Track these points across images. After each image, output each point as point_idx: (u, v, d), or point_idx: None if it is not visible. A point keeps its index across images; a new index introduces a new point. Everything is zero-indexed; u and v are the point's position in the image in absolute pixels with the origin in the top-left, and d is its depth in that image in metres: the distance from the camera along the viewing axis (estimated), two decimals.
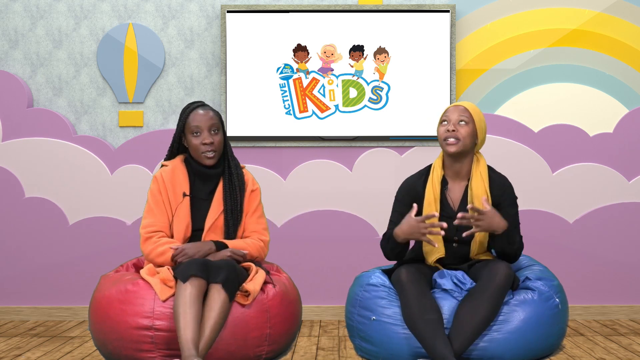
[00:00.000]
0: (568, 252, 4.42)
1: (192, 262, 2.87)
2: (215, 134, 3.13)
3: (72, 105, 4.47)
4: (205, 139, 3.09)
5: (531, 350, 2.94)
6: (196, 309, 2.76)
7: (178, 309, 2.76)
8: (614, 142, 4.45)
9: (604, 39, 4.45)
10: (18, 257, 4.42)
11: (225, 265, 2.89)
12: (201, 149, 3.10)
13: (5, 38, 4.46)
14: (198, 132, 3.10)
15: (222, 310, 2.82)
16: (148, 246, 3.06)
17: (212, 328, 2.79)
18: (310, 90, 4.41)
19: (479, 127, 3.11)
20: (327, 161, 4.46)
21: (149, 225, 3.09)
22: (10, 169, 4.42)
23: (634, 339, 3.85)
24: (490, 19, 4.46)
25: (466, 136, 3.08)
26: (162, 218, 3.10)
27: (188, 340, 2.68)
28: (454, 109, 3.12)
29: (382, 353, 3.00)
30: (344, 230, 4.44)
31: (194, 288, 2.79)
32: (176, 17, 4.47)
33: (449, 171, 3.16)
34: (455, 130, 3.07)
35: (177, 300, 2.77)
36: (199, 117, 3.11)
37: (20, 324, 4.30)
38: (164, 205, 3.11)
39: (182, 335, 2.70)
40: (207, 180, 3.18)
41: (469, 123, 3.09)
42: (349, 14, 4.41)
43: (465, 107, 3.12)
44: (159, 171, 3.18)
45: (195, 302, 2.77)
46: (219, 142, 3.14)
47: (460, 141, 3.07)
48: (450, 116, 3.11)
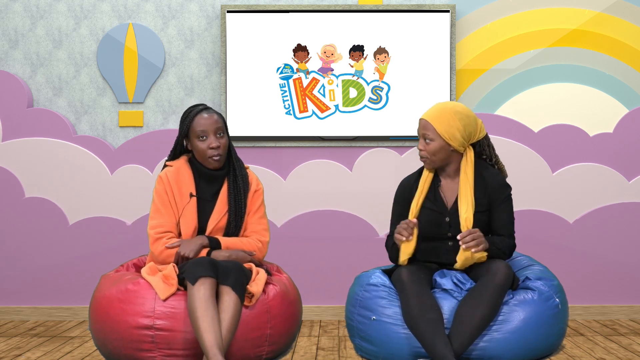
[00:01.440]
0: (568, 252, 4.42)
1: (199, 262, 2.86)
2: (221, 137, 3.13)
3: (72, 105, 4.47)
4: (212, 143, 3.09)
5: (531, 350, 2.94)
6: (212, 310, 2.75)
7: (195, 313, 2.74)
8: (614, 142, 4.45)
9: (604, 39, 4.45)
10: (18, 257, 4.42)
11: (233, 267, 2.89)
12: (208, 153, 3.10)
13: (5, 38, 4.46)
14: (204, 136, 3.10)
15: (236, 312, 2.82)
16: (158, 247, 3.06)
17: (228, 330, 2.78)
18: (310, 90, 4.41)
19: (448, 135, 3.03)
20: (327, 161, 4.46)
21: (158, 225, 3.08)
22: (10, 169, 4.42)
23: (634, 339, 3.85)
24: (490, 19, 4.46)
25: (435, 152, 3.06)
26: (169, 219, 3.10)
27: (212, 344, 2.68)
28: (420, 124, 3.08)
29: (382, 353, 3.00)
30: (344, 230, 4.44)
31: (206, 289, 2.79)
32: (176, 17, 4.47)
33: (440, 171, 3.17)
34: (423, 149, 3.07)
35: (192, 303, 2.76)
36: (204, 121, 3.11)
37: (20, 324, 4.30)
38: (170, 206, 3.11)
39: (204, 339, 2.69)
40: (212, 182, 3.18)
41: (434, 139, 3.04)
42: (349, 14, 4.41)
43: (426, 122, 3.06)
44: (163, 171, 3.17)
45: (210, 303, 2.76)
46: (225, 145, 3.14)
47: (428, 159, 3.08)
48: (419, 131, 3.09)
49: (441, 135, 3.03)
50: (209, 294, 2.79)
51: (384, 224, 4.39)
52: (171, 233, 3.08)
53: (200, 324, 2.72)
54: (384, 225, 4.38)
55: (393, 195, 3.31)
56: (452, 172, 3.14)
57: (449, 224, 3.09)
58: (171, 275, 2.91)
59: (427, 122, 3.05)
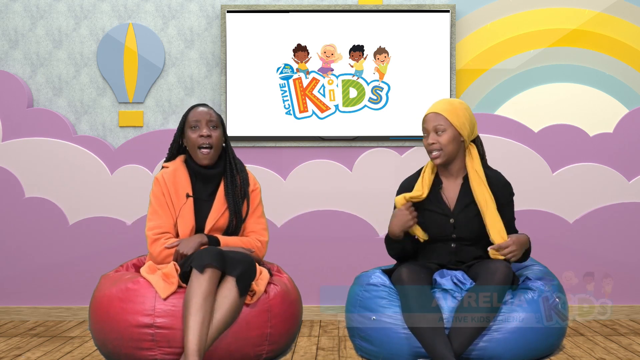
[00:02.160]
0: (568, 252, 4.42)
1: (209, 251, 2.86)
2: (214, 129, 3.12)
3: (72, 105, 4.47)
4: (203, 132, 3.08)
5: (531, 350, 2.94)
6: (206, 308, 2.75)
7: (189, 308, 2.75)
8: (614, 142, 4.45)
9: (604, 39, 4.45)
10: (18, 257, 4.42)
11: (243, 259, 2.88)
12: (198, 141, 3.09)
13: (5, 38, 4.46)
14: (196, 126, 3.10)
15: (230, 309, 2.81)
16: (157, 247, 3.05)
17: (217, 328, 2.78)
18: (310, 90, 4.41)
19: (459, 124, 3.04)
20: (327, 161, 4.46)
21: (156, 227, 3.08)
22: (10, 169, 4.42)
23: (634, 339, 3.85)
24: (490, 19, 4.46)
25: (447, 144, 3.04)
26: (167, 220, 3.10)
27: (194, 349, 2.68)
28: (429, 117, 3.06)
29: (382, 353, 3.00)
30: (344, 230, 4.44)
31: (208, 284, 2.78)
32: (176, 17, 4.47)
33: (442, 172, 3.15)
34: (435, 142, 3.04)
35: (189, 295, 2.77)
36: (198, 113, 3.13)
37: (20, 324, 4.30)
38: (167, 207, 3.11)
39: (188, 339, 2.70)
40: (208, 182, 3.17)
41: (446, 129, 3.03)
42: (349, 14, 4.41)
43: (437, 113, 3.05)
44: (159, 173, 3.17)
45: (207, 300, 2.76)
46: (217, 139, 3.12)
47: (442, 151, 3.05)
48: (427, 126, 3.06)
49: (453, 124, 3.03)
50: (209, 289, 2.79)
51: (384, 224, 4.39)
52: (169, 234, 3.08)
53: (189, 321, 2.72)
54: (384, 225, 4.38)
55: (393, 195, 3.30)
56: (455, 171, 3.13)
57: (453, 225, 3.08)
58: (171, 273, 2.91)
59: (437, 113, 3.05)
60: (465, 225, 3.06)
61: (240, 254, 2.94)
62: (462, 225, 3.06)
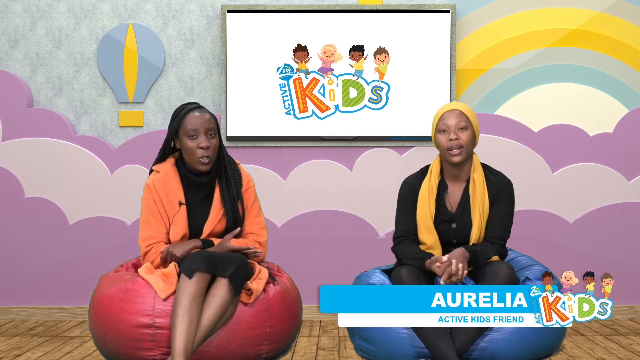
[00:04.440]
0: (568, 252, 4.42)
1: (198, 256, 2.84)
2: (212, 137, 3.05)
3: (72, 105, 4.47)
4: (202, 143, 3.01)
5: (531, 350, 2.94)
6: (194, 311, 2.75)
7: (176, 310, 2.75)
8: (614, 142, 4.45)
9: (604, 39, 4.45)
10: (18, 257, 4.42)
11: (234, 259, 2.87)
12: (198, 153, 3.01)
13: (5, 38, 4.46)
14: (195, 135, 3.02)
15: (218, 309, 2.81)
16: (150, 257, 3.04)
17: (205, 328, 2.78)
18: (310, 90, 4.41)
19: (476, 126, 3.08)
20: (327, 161, 4.46)
21: (148, 237, 3.05)
22: (10, 169, 4.42)
23: (634, 339, 3.85)
24: (490, 19, 4.46)
25: (468, 142, 3.03)
26: (159, 229, 3.06)
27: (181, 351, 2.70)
28: (450, 115, 3.04)
29: (382, 353, 3.00)
30: (344, 230, 4.44)
31: (196, 287, 2.78)
32: (176, 17, 4.47)
33: (449, 175, 3.13)
34: (457, 138, 3.01)
35: (178, 299, 2.77)
36: (196, 120, 3.02)
37: (20, 324, 4.30)
38: (160, 216, 3.06)
39: (176, 341, 2.71)
40: (200, 187, 3.11)
41: (468, 127, 3.03)
42: (349, 14, 4.41)
43: (461, 111, 3.05)
44: (150, 179, 3.09)
45: (194, 303, 2.76)
46: (215, 147, 3.06)
47: (464, 148, 3.02)
48: (449, 123, 3.03)
49: (473, 123, 3.05)
50: (197, 292, 2.78)
51: (384, 224, 4.39)
52: (161, 243, 3.06)
53: (177, 324, 2.73)
54: (384, 225, 4.38)
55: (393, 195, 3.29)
56: (462, 174, 3.11)
57: (455, 230, 3.08)
58: (171, 273, 2.91)
59: (461, 111, 3.04)
60: (467, 230, 3.06)
61: (234, 255, 2.93)
62: (464, 230, 3.06)
